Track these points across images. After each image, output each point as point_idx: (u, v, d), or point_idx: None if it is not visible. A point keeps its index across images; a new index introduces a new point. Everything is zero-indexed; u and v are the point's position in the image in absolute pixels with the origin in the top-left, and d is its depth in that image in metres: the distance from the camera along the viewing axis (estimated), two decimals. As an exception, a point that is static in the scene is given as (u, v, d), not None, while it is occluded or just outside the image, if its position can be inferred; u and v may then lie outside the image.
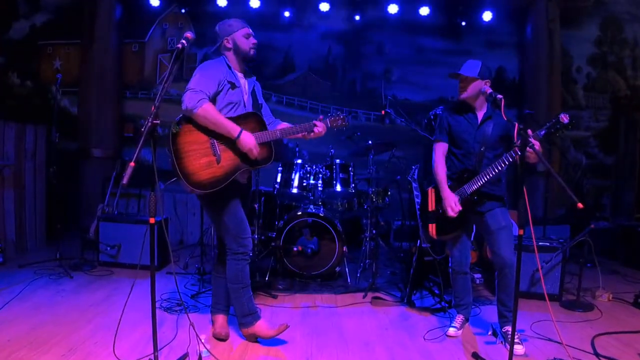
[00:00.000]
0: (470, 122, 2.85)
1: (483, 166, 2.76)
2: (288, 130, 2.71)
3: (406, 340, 2.87)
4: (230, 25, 2.64)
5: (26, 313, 3.05)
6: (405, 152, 4.71)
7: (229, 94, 2.59)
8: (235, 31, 2.63)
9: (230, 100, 2.60)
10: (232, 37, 2.63)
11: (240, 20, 2.68)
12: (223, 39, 2.65)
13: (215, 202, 2.60)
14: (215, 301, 2.88)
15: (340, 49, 6.39)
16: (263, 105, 2.85)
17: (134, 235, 4.24)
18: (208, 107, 2.43)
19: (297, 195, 4.38)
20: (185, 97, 2.42)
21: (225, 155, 2.54)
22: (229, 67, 2.65)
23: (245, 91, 2.71)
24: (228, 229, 2.62)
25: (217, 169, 2.50)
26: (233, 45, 2.64)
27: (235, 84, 2.62)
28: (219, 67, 2.60)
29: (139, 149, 2.04)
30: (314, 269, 4.07)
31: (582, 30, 6.43)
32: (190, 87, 2.45)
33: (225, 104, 2.59)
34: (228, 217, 2.61)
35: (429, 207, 2.95)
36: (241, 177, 2.67)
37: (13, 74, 6.22)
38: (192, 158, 2.45)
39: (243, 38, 2.64)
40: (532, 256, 3.51)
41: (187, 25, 6.28)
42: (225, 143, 2.54)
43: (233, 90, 2.61)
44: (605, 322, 3.23)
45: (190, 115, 2.45)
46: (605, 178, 6.48)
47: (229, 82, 2.59)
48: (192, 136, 2.48)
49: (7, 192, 4.56)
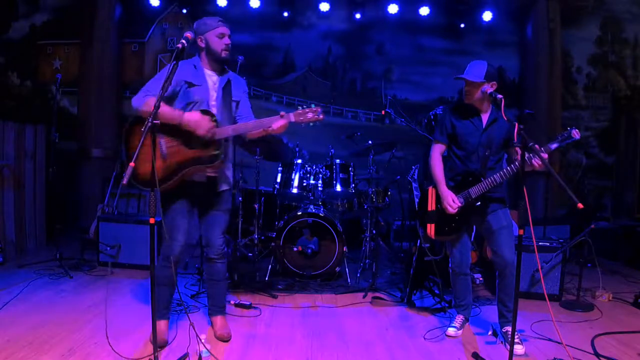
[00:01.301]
0: (475, 125, 2.82)
1: (487, 170, 2.76)
2: (242, 127, 2.61)
3: (406, 340, 2.87)
4: (205, 23, 2.59)
5: (26, 313, 3.05)
6: (405, 152, 4.72)
7: (187, 93, 2.56)
8: (208, 30, 2.57)
9: (190, 99, 2.55)
10: (205, 36, 2.58)
11: (217, 19, 2.60)
12: (197, 37, 2.59)
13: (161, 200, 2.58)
14: (211, 303, 2.87)
15: (340, 49, 6.39)
16: (240, 103, 2.77)
17: (134, 236, 4.24)
18: (151, 102, 2.39)
19: (297, 195, 4.37)
20: (134, 98, 2.47)
21: (172, 153, 2.50)
22: (195, 67, 2.60)
23: (214, 89, 2.64)
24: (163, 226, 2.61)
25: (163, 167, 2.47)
26: (205, 44, 2.59)
27: (194, 82, 2.56)
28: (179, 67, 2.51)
29: (138, 149, 2.04)
30: (314, 269, 4.07)
31: (583, 30, 6.44)
32: (141, 89, 2.49)
33: (185, 103, 2.55)
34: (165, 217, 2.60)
35: (428, 207, 2.95)
36: (197, 175, 2.59)
37: (13, 73, 6.22)
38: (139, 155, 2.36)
39: (216, 38, 2.57)
40: (532, 256, 3.51)
41: (187, 25, 6.28)
42: (174, 141, 2.50)
43: (190, 88, 2.56)
44: (605, 322, 3.22)
45: (138, 114, 2.47)
46: (605, 178, 6.48)
47: (187, 82, 2.55)
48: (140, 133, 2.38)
49: (6, 192, 4.55)
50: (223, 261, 2.81)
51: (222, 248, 2.78)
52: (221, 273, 2.82)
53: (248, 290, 3.72)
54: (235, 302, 3.38)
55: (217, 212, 2.73)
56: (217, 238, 2.75)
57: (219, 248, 2.76)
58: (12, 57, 6.19)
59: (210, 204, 2.72)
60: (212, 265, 2.79)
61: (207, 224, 2.75)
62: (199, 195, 2.66)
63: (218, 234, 2.75)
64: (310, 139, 5.72)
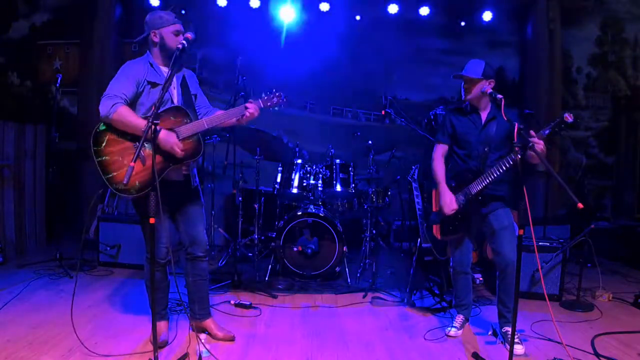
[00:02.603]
0: (474, 122, 2.84)
1: (486, 167, 2.76)
2: (216, 117, 2.54)
3: (406, 340, 2.87)
4: (161, 17, 2.48)
5: (26, 313, 3.05)
6: (405, 152, 4.71)
7: (151, 93, 2.48)
8: (164, 26, 2.48)
9: (154, 100, 2.43)
10: (160, 31, 2.48)
11: (173, 15, 2.51)
12: (150, 31, 2.49)
13: (140, 204, 2.48)
14: (199, 307, 2.79)
15: (340, 49, 6.38)
16: (198, 96, 2.72)
17: (134, 235, 4.24)
18: (122, 111, 2.31)
19: (297, 195, 4.37)
20: (100, 104, 2.33)
21: (150, 156, 2.38)
22: (151, 65, 2.51)
23: (174, 85, 2.57)
24: (144, 232, 2.55)
25: (142, 171, 2.37)
26: (160, 40, 2.49)
27: (157, 82, 2.48)
28: (137, 67, 2.47)
29: (138, 149, 2.04)
30: (314, 269, 4.07)
31: (583, 30, 6.43)
32: (105, 94, 2.35)
33: (150, 104, 2.45)
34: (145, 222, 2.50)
35: (433, 208, 2.96)
36: (174, 174, 2.54)
37: (13, 73, 6.22)
38: (117, 164, 2.36)
39: (172, 35, 2.48)
40: (533, 256, 3.51)
41: (187, 25, 6.27)
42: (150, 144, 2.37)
43: (154, 89, 2.48)
44: (605, 322, 3.22)
45: (107, 122, 2.35)
46: (605, 178, 6.48)
47: (149, 82, 2.46)
48: (115, 142, 2.38)
49: (6, 192, 4.55)
50: (207, 258, 2.77)
51: (207, 244, 2.74)
52: (206, 271, 2.79)
53: (248, 290, 3.72)
54: (235, 302, 3.38)
55: (195, 207, 2.69)
56: (202, 234, 2.72)
57: (205, 244, 2.72)
58: (12, 57, 6.19)
59: (189, 201, 2.68)
60: (198, 264, 2.73)
61: (188, 222, 2.68)
62: (175, 195, 2.59)
63: (201, 229, 2.71)
64: (310, 139, 5.72)
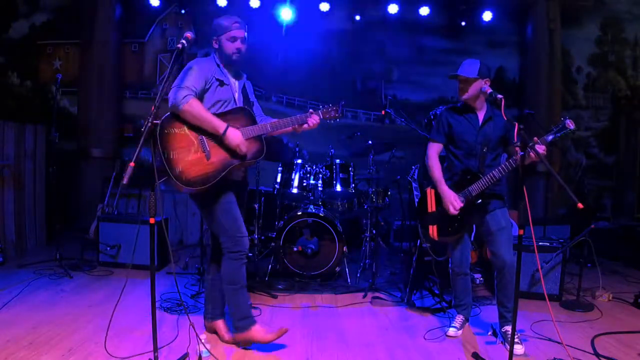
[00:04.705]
0: (471, 122, 2.84)
1: (486, 167, 2.76)
2: (279, 123, 2.62)
3: (406, 340, 2.87)
4: (220, 25, 2.58)
5: (26, 313, 3.05)
6: (405, 152, 4.71)
7: (217, 91, 2.55)
8: (221, 33, 2.56)
9: (219, 97, 2.55)
10: (218, 38, 2.57)
11: (230, 20, 2.57)
12: (212, 38, 2.59)
13: (207, 200, 2.54)
14: (213, 306, 2.80)
15: (340, 49, 6.38)
16: (255, 104, 2.80)
17: (134, 236, 4.24)
18: (194, 103, 2.38)
19: (297, 195, 4.37)
20: (171, 93, 2.38)
21: (215, 151, 2.47)
22: (218, 66, 2.59)
23: (236, 89, 2.67)
24: (223, 227, 2.56)
25: (207, 165, 2.43)
26: (219, 46, 2.58)
27: (224, 81, 2.57)
28: (207, 64, 2.55)
29: (139, 149, 2.04)
30: (314, 269, 4.07)
31: (583, 30, 6.44)
32: (176, 84, 2.41)
33: (214, 101, 2.54)
34: (222, 216, 2.55)
35: (428, 209, 2.94)
36: (235, 174, 2.60)
37: (13, 73, 6.22)
38: (180, 156, 2.39)
39: (228, 41, 2.56)
40: (532, 256, 3.51)
41: (187, 25, 6.28)
42: (215, 139, 2.47)
43: (222, 87, 2.56)
44: (605, 322, 3.22)
45: (176, 112, 2.40)
46: (605, 178, 6.48)
47: (217, 79, 2.54)
48: (180, 133, 2.42)
49: (6, 192, 4.55)
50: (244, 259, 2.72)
51: None
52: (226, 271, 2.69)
53: (248, 290, 3.71)
54: (236, 302, 3.37)
55: (241, 209, 2.71)
56: None
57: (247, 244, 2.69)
58: (12, 57, 6.19)
59: (241, 202, 2.72)
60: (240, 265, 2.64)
61: None
62: (238, 194, 2.66)
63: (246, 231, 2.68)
64: (310, 139, 5.70)
